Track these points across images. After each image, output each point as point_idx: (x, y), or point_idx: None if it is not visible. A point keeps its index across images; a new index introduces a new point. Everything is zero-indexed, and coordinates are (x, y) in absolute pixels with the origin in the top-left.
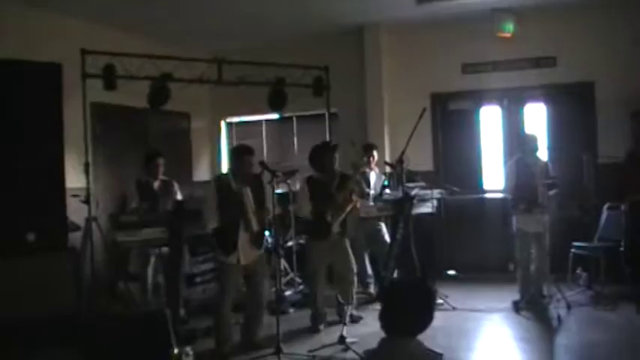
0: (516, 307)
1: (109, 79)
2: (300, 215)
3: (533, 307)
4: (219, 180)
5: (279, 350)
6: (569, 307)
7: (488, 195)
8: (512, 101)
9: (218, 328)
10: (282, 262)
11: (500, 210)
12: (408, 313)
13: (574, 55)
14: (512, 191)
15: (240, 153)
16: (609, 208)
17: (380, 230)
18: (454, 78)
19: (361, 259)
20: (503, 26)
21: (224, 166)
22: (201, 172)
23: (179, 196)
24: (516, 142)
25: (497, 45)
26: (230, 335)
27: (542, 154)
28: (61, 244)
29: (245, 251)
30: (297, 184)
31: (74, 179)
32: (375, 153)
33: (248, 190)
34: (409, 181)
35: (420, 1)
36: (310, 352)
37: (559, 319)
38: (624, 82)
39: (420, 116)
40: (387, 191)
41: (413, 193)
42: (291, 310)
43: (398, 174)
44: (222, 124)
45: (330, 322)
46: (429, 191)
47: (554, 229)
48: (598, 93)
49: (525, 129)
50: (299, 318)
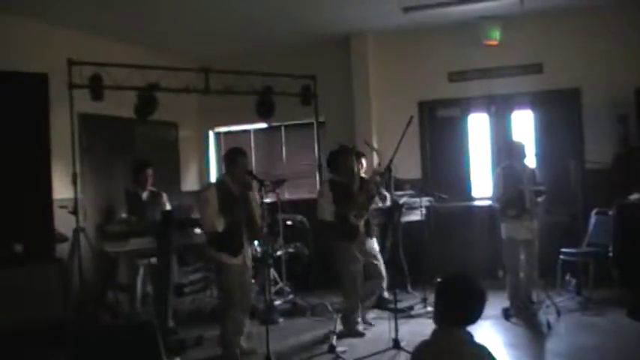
0: (506, 314)
1: (96, 89)
2: (322, 218)
3: (522, 314)
4: (220, 184)
5: None
6: (558, 313)
7: (476, 202)
8: (500, 108)
9: (227, 333)
10: (272, 272)
11: (489, 217)
12: (457, 305)
13: (560, 62)
14: (500, 199)
15: (236, 156)
16: (597, 213)
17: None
18: (441, 85)
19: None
20: (489, 34)
21: (212, 176)
22: (190, 182)
23: (168, 207)
24: (504, 148)
25: (483, 52)
26: (238, 341)
27: (530, 160)
28: (49, 255)
29: (246, 253)
30: (285, 193)
31: (62, 190)
32: (364, 161)
33: (253, 191)
34: (397, 189)
35: (407, 10)
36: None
37: (548, 325)
38: (610, 88)
39: (408, 124)
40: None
41: (401, 201)
42: (281, 320)
43: (386, 182)
44: (211, 133)
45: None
46: (417, 199)
47: (542, 235)
48: (584, 99)
49: (513, 136)
50: (289, 327)
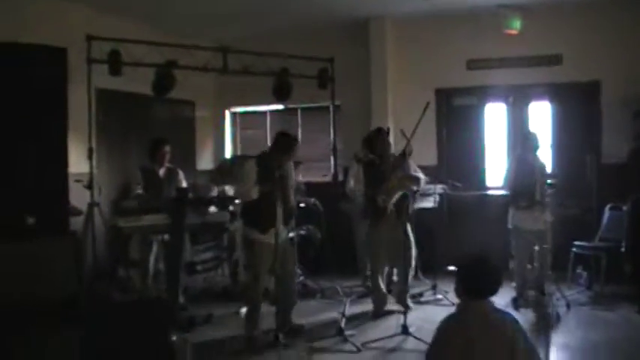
0: (515, 304)
1: (114, 64)
2: (351, 196)
3: (532, 304)
4: (262, 156)
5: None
6: (568, 305)
7: (490, 192)
8: (518, 99)
9: (252, 314)
10: None
11: (502, 207)
12: (479, 279)
13: (580, 54)
14: (511, 187)
15: (294, 142)
16: (611, 208)
17: None
18: (459, 74)
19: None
20: (509, 23)
21: (227, 155)
22: (205, 161)
23: (184, 184)
24: (519, 139)
25: (503, 41)
26: (260, 321)
27: (543, 153)
28: (63, 228)
29: (279, 230)
30: (299, 176)
31: (77, 165)
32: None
33: (291, 165)
34: None
35: None
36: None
37: (558, 317)
38: (631, 82)
39: (424, 110)
40: None
41: (415, 188)
42: None
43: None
44: (227, 113)
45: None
46: (431, 186)
47: (555, 228)
48: (604, 92)
49: (530, 127)
50: (300, 309)
